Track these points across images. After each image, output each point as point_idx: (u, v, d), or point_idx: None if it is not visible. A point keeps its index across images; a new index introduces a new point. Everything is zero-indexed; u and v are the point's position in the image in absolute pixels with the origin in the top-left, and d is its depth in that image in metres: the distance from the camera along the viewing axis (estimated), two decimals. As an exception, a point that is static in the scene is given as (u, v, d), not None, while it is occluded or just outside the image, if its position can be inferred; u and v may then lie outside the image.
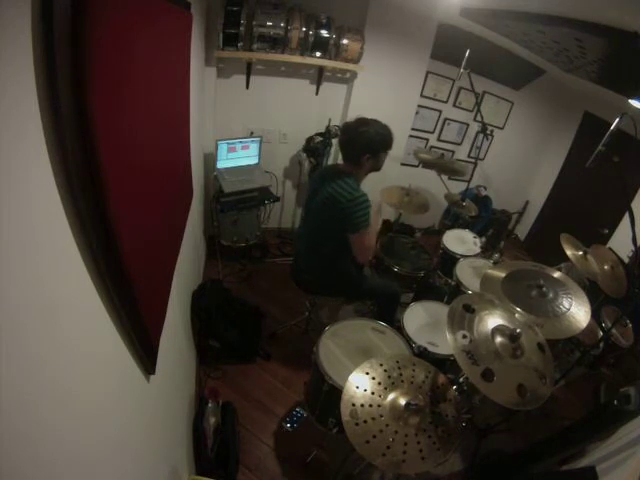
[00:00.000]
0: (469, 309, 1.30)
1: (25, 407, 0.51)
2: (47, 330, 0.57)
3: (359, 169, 1.77)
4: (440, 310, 1.99)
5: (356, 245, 1.76)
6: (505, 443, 2.07)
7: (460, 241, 2.67)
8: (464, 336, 1.20)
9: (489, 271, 1.76)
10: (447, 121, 3.66)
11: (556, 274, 1.74)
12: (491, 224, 4.01)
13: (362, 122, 1.71)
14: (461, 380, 1.30)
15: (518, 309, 1.47)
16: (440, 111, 3.57)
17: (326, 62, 2.75)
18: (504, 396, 1.11)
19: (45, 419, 0.56)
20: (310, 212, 1.91)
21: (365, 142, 1.69)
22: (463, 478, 1.93)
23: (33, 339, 0.54)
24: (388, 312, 2.05)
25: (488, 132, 3.05)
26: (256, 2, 2.45)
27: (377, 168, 1.82)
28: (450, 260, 2.49)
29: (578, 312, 1.55)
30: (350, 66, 2.85)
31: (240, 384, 2.18)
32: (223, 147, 2.74)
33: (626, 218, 1.71)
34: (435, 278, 2.72)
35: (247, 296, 2.69)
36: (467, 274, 2.30)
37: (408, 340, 1.72)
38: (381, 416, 1.12)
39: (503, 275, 1.70)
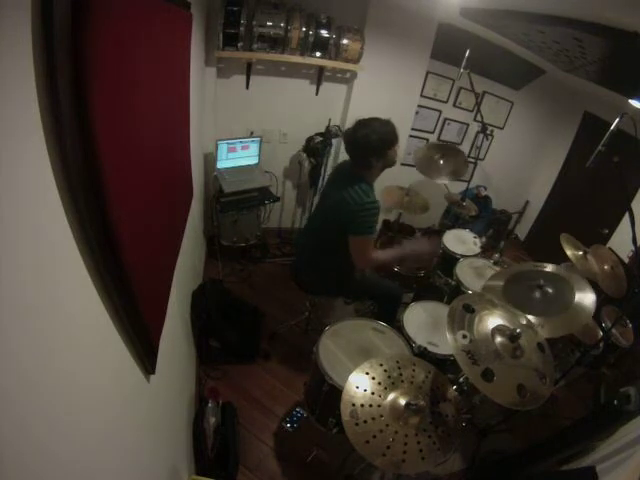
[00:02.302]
0: (469, 309, 1.30)
1: (25, 406, 0.51)
2: (47, 330, 0.57)
3: (370, 171, 1.76)
4: (440, 310, 1.99)
5: (354, 248, 1.75)
6: (505, 443, 2.07)
7: (460, 241, 2.66)
8: (464, 336, 1.20)
9: (488, 282, 1.76)
10: (447, 121, 3.66)
11: (552, 268, 1.74)
12: (491, 224, 4.01)
13: (361, 125, 1.69)
14: (461, 380, 1.30)
15: (528, 316, 1.46)
16: (440, 111, 3.57)
17: (326, 62, 2.75)
18: (504, 396, 1.12)
19: (44, 418, 0.56)
20: (322, 211, 1.91)
21: (368, 146, 1.67)
22: (463, 478, 1.93)
23: (33, 339, 0.54)
24: (388, 313, 2.04)
25: (488, 132, 3.05)
26: (256, 2, 2.45)
27: (390, 164, 1.80)
28: (450, 260, 2.49)
29: (583, 301, 1.55)
30: (350, 66, 2.84)
31: (240, 384, 2.18)
32: (223, 147, 2.74)
33: (626, 218, 1.71)
34: (435, 278, 2.71)
35: (247, 296, 2.69)
36: (467, 274, 2.29)
37: (408, 340, 1.71)
38: (381, 416, 1.12)
39: (501, 283, 1.70)
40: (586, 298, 1.57)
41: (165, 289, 1.32)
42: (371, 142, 1.66)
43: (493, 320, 1.30)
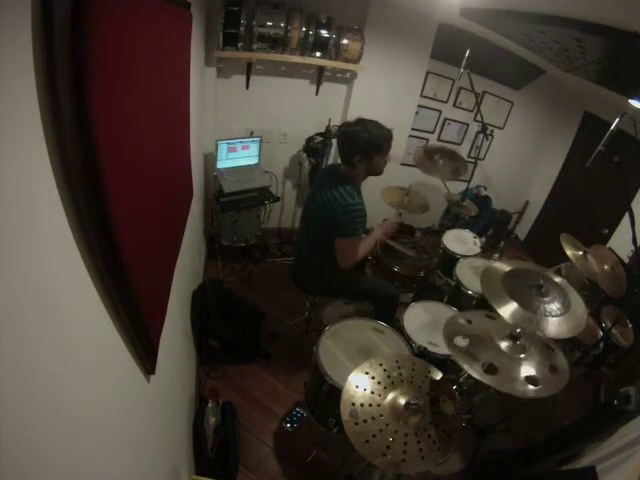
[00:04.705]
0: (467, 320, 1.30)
1: (24, 407, 0.51)
2: (47, 330, 0.57)
3: (354, 171, 1.75)
4: (440, 310, 1.99)
5: (338, 250, 1.75)
6: (505, 443, 2.07)
7: (460, 241, 2.67)
8: (464, 338, 1.21)
9: (491, 264, 1.74)
10: (447, 121, 3.66)
11: (557, 279, 1.74)
12: (491, 224, 4.01)
13: (358, 122, 1.69)
14: (461, 380, 1.30)
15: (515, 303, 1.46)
16: (440, 111, 3.57)
17: (326, 62, 2.75)
18: (511, 386, 1.12)
19: (45, 419, 0.56)
20: (310, 212, 1.91)
21: (355, 142, 1.66)
22: (463, 478, 1.93)
23: (33, 339, 0.54)
24: (386, 314, 2.04)
25: (488, 132, 3.05)
26: (256, 2, 2.45)
27: (374, 172, 1.78)
28: (450, 260, 2.49)
29: (572, 317, 1.55)
30: (350, 66, 2.84)
31: (240, 384, 2.18)
32: (223, 147, 2.74)
33: (626, 218, 1.71)
34: (435, 278, 2.71)
35: (247, 296, 2.69)
36: (467, 274, 2.29)
37: (408, 340, 1.72)
38: (381, 416, 1.12)
39: (505, 269, 1.69)
40: (578, 310, 1.56)
41: (165, 289, 1.32)
42: (359, 140, 1.65)
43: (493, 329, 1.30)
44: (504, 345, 1.23)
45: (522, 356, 1.21)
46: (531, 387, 1.12)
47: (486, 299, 1.48)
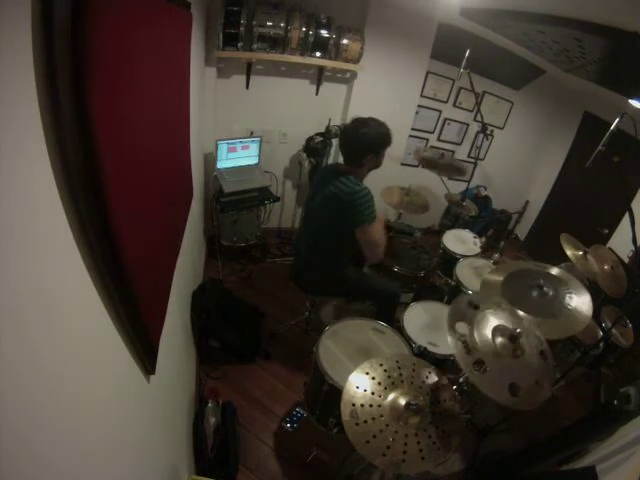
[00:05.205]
0: (474, 305, 1.30)
1: (24, 407, 0.51)
2: (47, 330, 0.57)
3: (360, 169, 1.77)
4: (440, 310, 1.99)
5: (364, 240, 1.72)
6: (505, 443, 2.07)
7: (460, 241, 2.67)
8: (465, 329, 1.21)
9: (487, 276, 1.75)
10: (447, 121, 3.66)
11: (555, 271, 1.74)
12: (491, 224, 4.01)
13: (361, 123, 1.71)
14: (461, 380, 1.30)
15: (520, 312, 1.46)
16: (440, 111, 3.57)
17: (326, 62, 2.75)
18: (495, 391, 1.11)
19: (45, 419, 0.56)
20: (310, 212, 1.91)
21: (367, 144, 1.69)
22: (463, 478, 1.93)
23: (33, 339, 0.54)
24: (387, 312, 2.04)
25: (488, 132, 3.05)
26: (256, 2, 2.45)
27: (378, 165, 1.83)
28: (450, 260, 2.49)
29: (580, 308, 1.55)
30: (350, 66, 2.85)
31: (240, 384, 2.18)
32: (223, 147, 2.74)
33: (626, 218, 1.71)
34: (435, 278, 2.72)
35: (247, 296, 2.69)
36: (467, 274, 2.29)
37: (408, 340, 1.72)
38: (381, 416, 1.12)
39: (501, 279, 1.70)
40: (583, 306, 1.57)
41: (165, 289, 1.32)
42: (368, 141, 1.69)
43: (496, 319, 1.30)
44: (500, 344, 1.23)
45: (515, 360, 1.21)
46: (509, 396, 1.11)
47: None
